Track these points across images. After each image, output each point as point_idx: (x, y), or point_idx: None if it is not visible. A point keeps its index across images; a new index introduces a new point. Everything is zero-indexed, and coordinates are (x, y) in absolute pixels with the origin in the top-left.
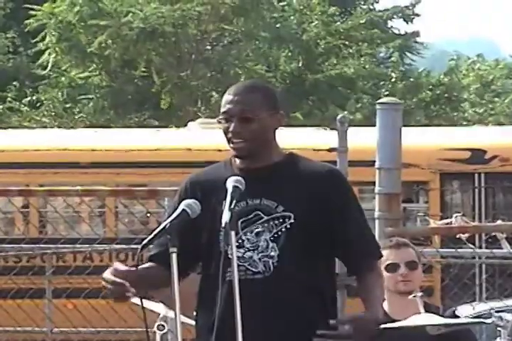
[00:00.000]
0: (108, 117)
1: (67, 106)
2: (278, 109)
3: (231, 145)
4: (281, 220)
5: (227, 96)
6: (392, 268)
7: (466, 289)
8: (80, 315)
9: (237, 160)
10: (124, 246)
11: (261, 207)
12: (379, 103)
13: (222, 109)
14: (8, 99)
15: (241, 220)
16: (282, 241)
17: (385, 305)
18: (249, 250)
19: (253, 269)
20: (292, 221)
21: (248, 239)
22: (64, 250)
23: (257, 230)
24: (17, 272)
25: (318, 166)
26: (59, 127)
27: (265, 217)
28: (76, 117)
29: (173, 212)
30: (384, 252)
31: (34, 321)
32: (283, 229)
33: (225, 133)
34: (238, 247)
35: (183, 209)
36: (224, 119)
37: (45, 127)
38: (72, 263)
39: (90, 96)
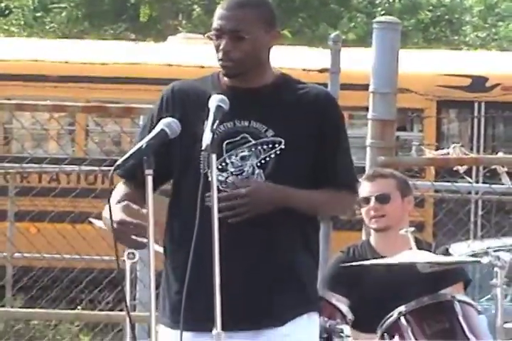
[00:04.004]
0: (82, 28)
1: (38, 15)
2: (274, 26)
3: (220, 63)
4: (270, 145)
5: (220, 11)
6: (364, 201)
7: (461, 226)
8: (43, 239)
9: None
10: (94, 167)
11: (249, 130)
12: (376, 22)
13: (214, 25)
14: None
15: (226, 142)
16: (270, 168)
17: (372, 241)
18: (232, 174)
19: None
20: (282, 147)
21: (232, 163)
22: (29, 170)
23: (242, 154)
24: None
25: (313, 89)
26: (28, 37)
27: (253, 141)
28: (47, 27)
29: (149, 129)
30: (362, 184)
31: None
32: (272, 155)
33: (216, 50)
34: (221, 171)
35: (162, 129)
36: (215, 36)
37: (14, 37)
38: (38, 184)
39: (63, 5)
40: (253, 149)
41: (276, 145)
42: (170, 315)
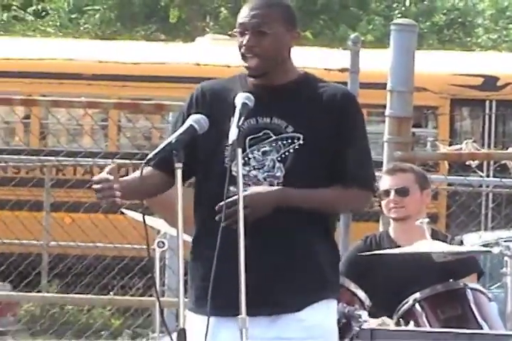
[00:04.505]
0: (114, 29)
1: (73, 16)
2: (295, 27)
3: (244, 62)
4: (289, 141)
5: (245, 10)
6: (384, 194)
7: (473, 217)
8: (78, 229)
9: None
10: (126, 161)
11: (271, 126)
12: (394, 24)
13: (238, 22)
14: (14, 7)
15: (249, 138)
16: (289, 162)
17: (391, 231)
18: (254, 168)
19: None
20: (301, 142)
21: (254, 158)
22: (65, 163)
23: (264, 149)
24: (16, 183)
25: (333, 88)
26: (64, 38)
27: (274, 137)
28: (82, 28)
29: (179, 125)
30: (382, 178)
31: (31, 233)
32: (291, 150)
33: (239, 47)
34: (243, 165)
35: (191, 125)
36: (239, 33)
37: (50, 37)
38: (73, 176)
39: (97, 8)
40: (274, 144)
41: (295, 140)
42: (195, 300)
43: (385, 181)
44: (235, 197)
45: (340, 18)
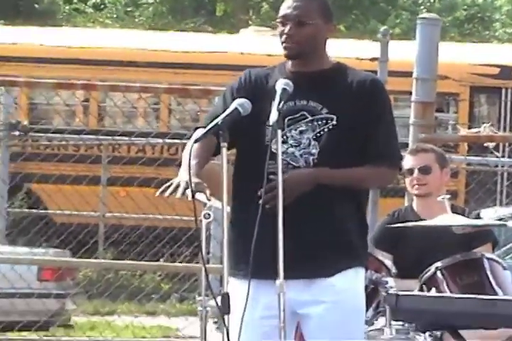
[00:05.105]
0: (166, 21)
1: (129, 9)
2: (331, 20)
3: (283, 45)
4: (324, 121)
5: (287, 2)
6: (408, 172)
7: (489, 194)
8: (132, 201)
9: (290, 64)
10: (176, 140)
11: (307, 108)
12: (419, 18)
13: (281, 13)
14: (75, 0)
15: (288, 118)
16: (324, 140)
17: (414, 206)
18: (292, 146)
19: (294, 163)
20: (334, 122)
21: (292, 136)
22: (120, 142)
23: (301, 128)
24: (76, 160)
25: (363, 75)
26: (120, 29)
27: (310, 117)
28: (136, 20)
29: (228, 102)
30: (405, 157)
31: (89, 205)
32: (325, 130)
33: (280, 36)
34: (282, 143)
35: (236, 108)
36: (280, 23)
37: (108, 28)
38: (127, 154)
39: (150, 1)
40: (309, 124)
41: (329, 121)
42: (234, 265)
43: (408, 161)
44: (272, 183)
45: (370, 12)
